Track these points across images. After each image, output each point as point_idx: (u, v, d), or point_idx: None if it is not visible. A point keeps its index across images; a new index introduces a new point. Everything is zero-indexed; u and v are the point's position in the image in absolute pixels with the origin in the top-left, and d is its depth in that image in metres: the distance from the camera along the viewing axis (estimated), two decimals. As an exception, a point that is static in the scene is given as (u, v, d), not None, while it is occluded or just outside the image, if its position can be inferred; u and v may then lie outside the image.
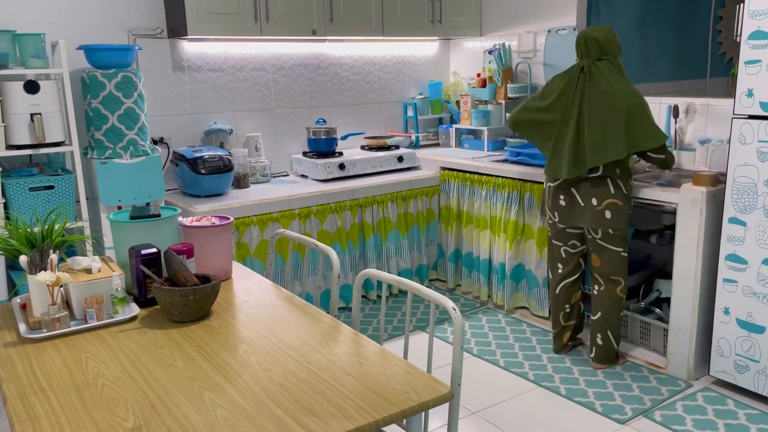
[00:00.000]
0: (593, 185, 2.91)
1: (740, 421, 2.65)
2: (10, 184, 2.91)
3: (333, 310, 2.17)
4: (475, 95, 4.31)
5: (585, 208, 2.95)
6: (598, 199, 2.90)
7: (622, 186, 2.88)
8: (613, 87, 2.79)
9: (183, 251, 2.01)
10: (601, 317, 3.07)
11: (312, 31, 3.73)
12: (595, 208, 2.92)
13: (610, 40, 2.83)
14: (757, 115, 2.65)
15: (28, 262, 1.84)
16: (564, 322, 3.24)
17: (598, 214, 2.92)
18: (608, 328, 3.07)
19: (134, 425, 1.33)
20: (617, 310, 3.06)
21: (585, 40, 2.84)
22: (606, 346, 3.08)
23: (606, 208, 2.89)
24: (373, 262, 3.83)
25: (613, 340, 3.08)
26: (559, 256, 3.20)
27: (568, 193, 3.00)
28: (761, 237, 2.68)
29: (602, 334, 3.08)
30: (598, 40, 2.82)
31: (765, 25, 2.58)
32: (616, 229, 2.93)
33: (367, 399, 1.41)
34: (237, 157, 3.65)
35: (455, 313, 1.63)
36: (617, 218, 2.90)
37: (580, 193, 2.96)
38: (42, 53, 2.94)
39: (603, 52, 2.83)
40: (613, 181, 2.87)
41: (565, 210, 3.04)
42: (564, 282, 3.20)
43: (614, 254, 2.98)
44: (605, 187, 2.88)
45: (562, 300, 3.22)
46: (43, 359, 1.64)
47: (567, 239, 3.13)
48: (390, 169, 4.07)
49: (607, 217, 2.91)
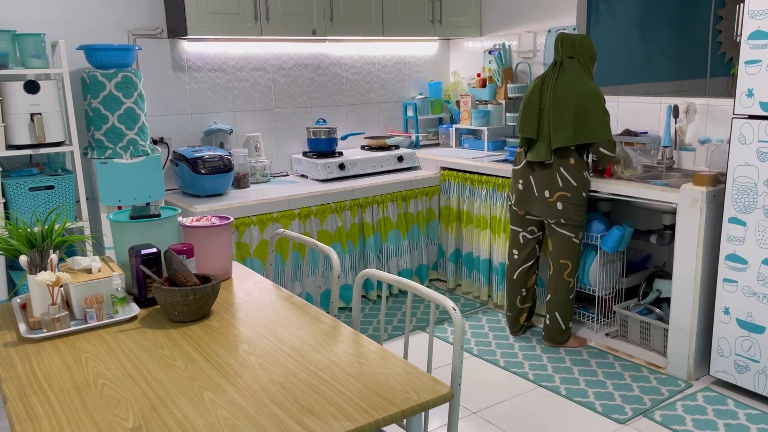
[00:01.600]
0: (546, 176, 3.12)
1: (740, 421, 2.65)
2: (10, 184, 2.91)
3: (333, 310, 2.17)
4: (475, 95, 4.31)
5: (539, 198, 3.17)
6: (549, 191, 3.11)
7: (571, 179, 3.07)
8: (576, 83, 3.01)
9: (183, 251, 2.01)
10: (551, 299, 3.28)
11: (312, 31, 3.73)
12: (547, 200, 3.14)
13: (584, 44, 3.06)
14: (757, 115, 2.65)
15: (28, 262, 1.84)
16: (520, 305, 3.45)
17: (550, 205, 3.13)
18: (556, 309, 3.27)
19: (134, 425, 1.33)
20: (566, 293, 3.24)
21: (561, 39, 3.08)
22: (553, 326, 3.29)
23: (557, 200, 3.10)
24: (373, 262, 3.83)
25: (561, 321, 3.27)
26: (516, 242, 3.38)
27: (526, 179, 3.21)
28: (761, 237, 2.69)
29: (550, 314, 3.29)
30: (573, 40, 3.06)
31: (765, 25, 2.58)
32: (568, 219, 3.12)
33: (367, 399, 1.41)
34: (237, 157, 3.65)
35: (455, 313, 1.63)
36: (568, 209, 3.10)
37: (535, 181, 3.17)
38: (42, 53, 2.94)
39: (575, 52, 3.06)
40: (562, 174, 3.07)
41: (521, 194, 3.25)
42: (521, 268, 3.39)
43: (566, 239, 3.17)
44: (555, 179, 3.09)
45: (518, 285, 3.42)
46: (43, 359, 1.64)
47: (526, 225, 3.32)
48: (390, 169, 4.07)
49: (559, 208, 3.11)
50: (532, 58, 4.13)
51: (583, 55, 3.07)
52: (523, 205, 3.24)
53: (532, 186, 3.17)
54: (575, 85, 3.01)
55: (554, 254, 3.22)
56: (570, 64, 3.05)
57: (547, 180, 3.11)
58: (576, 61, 3.06)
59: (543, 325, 3.38)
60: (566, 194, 3.08)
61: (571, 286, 3.24)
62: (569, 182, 3.07)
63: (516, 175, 3.27)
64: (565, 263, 3.20)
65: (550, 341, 3.33)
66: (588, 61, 3.09)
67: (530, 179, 3.18)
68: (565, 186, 3.07)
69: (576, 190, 3.08)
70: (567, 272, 3.21)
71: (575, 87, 3.00)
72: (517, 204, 3.27)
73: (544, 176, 3.11)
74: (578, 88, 3.00)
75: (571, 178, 3.07)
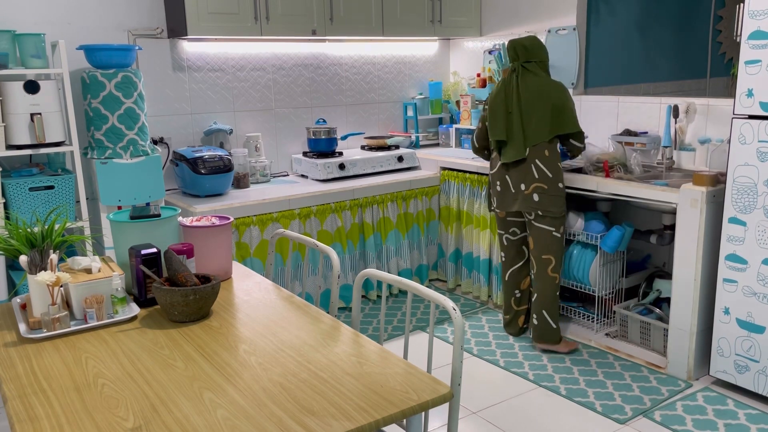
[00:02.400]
0: (521, 171, 3.15)
1: (740, 421, 2.65)
2: (10, 184, 2.91)
3: (333, 310, 2.17)
4: (475, 95, 4.31)
5: (516, 194, 3.20)
6: (525, 184, 3.15)
7: (546, 170, 3.12)
8: (541, 82, 3.12)
9: (183, 251, 2.01)
10: (537, 298, 3.26)
11: (312, 31, 3.73)
12: (523, 193, 3.17)
13: (535, 46, 3.17)
14: (757, 115, 2.65)
15: (28, 262, 1.84)
16: (516, 306, 3.45)
17: (527, 198, 3.16)
18: (543, 307, 3.24)
19: (134, 425, 1.33)
20: (551, 290, 3.22)
21: (514, 46, 3.19)
22: (542, 326, 3.25)
23: (533, 191, 3.13)
24: (373, 262, 3.83)
25: (549, 320, 3.23)
26: (501, 245, 3.43)
27: (502, 179, 3.25)
28: (761, 237, 2.68)
29: (537, 314, 3.26)
30: (525, 46, 3.17)
31: (765, 25, 2.58)
32: (545, 210, 3.13)
33: (367, 399, 1.41)
34: (237, 157, 3.65)
35: (455, 313, 1.63)
36: (545, 200, 3.13)
37: (511, 179, 3.21)
38: (42, 53, 2.94)
39: (530, 55, 3.16)
40: (537, 166, 3.11)
41: (500, 195, 3.28)
42: (511, 269, 3.41)
43: (545, 233, 3.17)
44: (530, 172, 3.13)
45: (511, 286, 3.43)
46: (43, 359, 1.64)
47: (508, 227, 3.36)
48: (390, 169, 4.07)
49: (535, 200, 3.14)
50: (532, 58, 4.13)
51: (537, 56, 3.17)
52: (502, 204, 3.27)
53: (508, 184, 3.22)
54: (545, 84, 3.12)
55: (536, 251, 3.22)
56: (530, 66, 3.15)
57: (522, 174, 3.15)
58: (535, 64, 3.16)
59: (531, 328, 3.33)
60: (542, 185, 3.12)
61: (557, 282, 3.23)
62: (545, 173, 3.11)
63: (493, 179, 3.32)
64: (548, 258, 3.20)
65: (541, 341, 3.28)
66: (544, 60, 3.20)
67: (506, 178, 3.22)
68: (541, 177, 3.12)
69: (552, 182, 3.12)
70: (550, 267, 3.20)
71: (546, 86, 3.11)
72: (498, 206, 3.30)
73: (519, 171, 3.16)
74: (549, 86, 3.11)
75: (547, 170, 3.11)
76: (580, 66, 3.91)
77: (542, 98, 3.10)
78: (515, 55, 3.20)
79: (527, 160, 3.14)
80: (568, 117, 3.13)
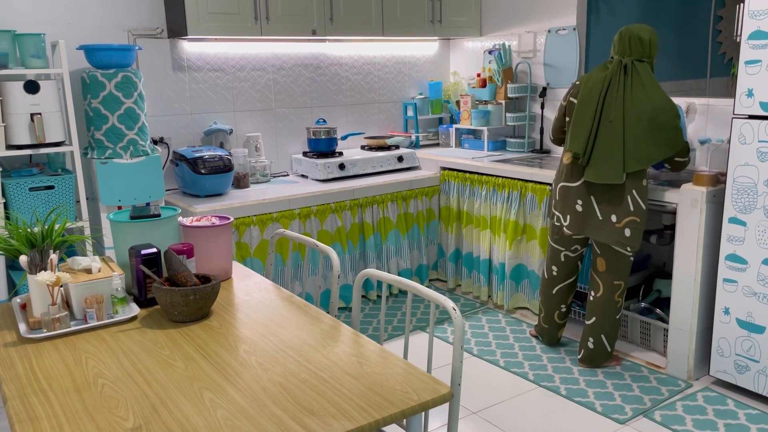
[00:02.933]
0: (614, 198, 2.79)
1: (740, 421, 2.65)
2: (10, 184, 2.91)
3: (333, 310, 2.17)
4: (475, 95, 4.31)
5: (603, 223, 2.83)
6: (617, 215, 2.78)
7: (640, 201, 2.78)
8: (653, 93, 2.71)
9: (183, 251, 2.01)
10: (596, 321, 3.03)
11: (312, 31, 3.73)
12: (614, 225, 2.80)
13: (653, 43, 2.73)
14: (757, 115, 2.65)
15: (28, 262, 1.84)
16: (559, 320, 3.27)
17: (617, 232, 2.81)
18: (603, 332, 3.03)
19: (134, 425, 1.33)
20: (614, 314, 3.01)
21: (630, 36, 2.71)
22: (598, 350, 3.06)
23: (626, 225, 2.79)
24: (373, 262, 3.83)
25: (607, 344, 3.05)
26: (557, 260, 3.14)
27: (586, 200, 2.86)
28: (761, 237, 2.68)
29: (595, 338, 3.04)
30: (642, 40, 2.71)
31: (765, 25, 2.58)
32: (633, 246, 2.83)
33: (367, 399, 1.41)
34: (237, 157, 3.65)
35: (455, 313, 1.63)
36: (635, 235, 2.81)
37: (600, 204, 2.82)
38: (42, 53, 2.94)
39: (644, 54, 2.73)
40: (633, 196, 2.76)
41: (579, 217, 2.91)
42: (562, 284, 3.19)
43: (622, 258, 2.91)
44: (625, 202, 2.77)
45: (558, 301, 3.23)
46: (43, 359, 1.64)
47: (570, 244, 3.07)
48: (390, 169, 4.07)
49: (627, 235, 2.80)
50: (532, 58, 4.13)
51: (652, 57, 2.74)
52: (580, 228, 2.90)
53: (594, 209, 2.81)
54: (655, 99, 2.67)
55: (607, 275, 2.93)
56: (641, 69, 2.70)
57: (614, 203, 2.76)
58: (647, 65, 2.72)
59: (582, 347, 3.09)
60: (636, 219, 2.76)
61: (619, 306, 2.99)
62: (640, 206, 2.76)
63: (570, 193, 2.89)
64: (619, 284, 2.94)
65: (587, 363, 3.08)
66: (654, 62, 2.78)
67: (591, 200, 2.82)
68: (636, 210, 2.75)
69: (644, 214, 2.79)
70: (618, 293, 2.96)
71: (656, 102, 2.67)
72: (572, 227, 2.92)
73: (611, 198, 2.77)
74: (660, 105, 2.67)
75: (642, 202, 2.76)
76: (580, 66, 3.91)
77: (652, 118, 2.68)
78: (628, 49, 2.72)
79: (624, 189, 2.75)
80: (677, 136, 2.72)
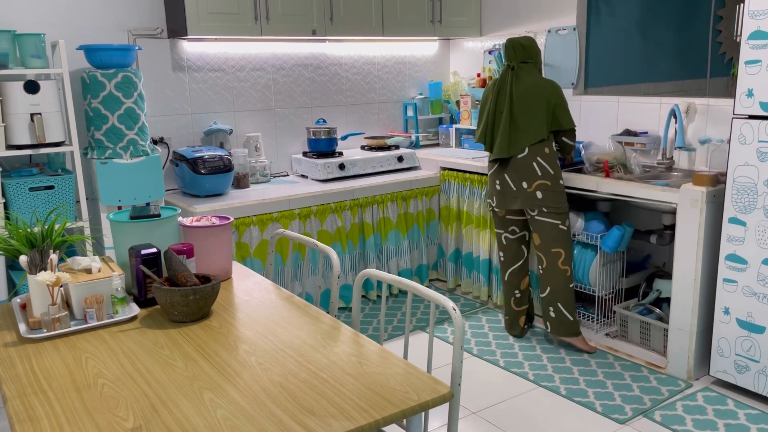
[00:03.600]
0: (522, 169, 3.18)
1: (740, 421, 2.65)
2: (10, 184, 2.91)
3: (333, 310, 2.17)
4: (475, 95, 4.31)
5: (517, 192, 3.21)
6: (527, 182, 3.17)
7: (548, 167, 3.15)
8: (536, 81, 3.18)
9: (183, 251, 2.01)
10: (549, 292, 3.25)
11: (312, 31, 3.73)
12: (526, 191, 3.19)
13: (533, 46, 3.25)
14: (757, 115, 2.65)
15: (28, 262, 1.84)
16: (516, 307, 3.44)
17: (530, 196, 3.18)
18: (558, 300, 3.23)
19: (134, 425, 1.33)
20: (565, 282, 3.21)
21: (513, 45, 3.25)
22: (559, 318, 3.24)
23: (536, 189, 3.16)
24: (373, 262, 3.83)
25: (566, 313, 3.22)
26: (500, 244, 3.43)
27: (501, 178, 3.27)
28: (761, 237, 2.68)
29: (553, 306, 3.24)
30: (523, 45, 3.23)
31: (765, 25, 2.58)
32: (550, 206, 3.16)
33: (367, 399, 1.41)
34: (237, 157, 3.65)
35: (455, 313, 1.63)
36: (549, 197, 3.16)
37: (511, 177, 3.22)
38: (42, 53, 2.94)
39: (527, 56, 3.23)
40: (540, 163, 3.15)
41: (499, 194, 3.29)
42: (510, 269, 3.41)
43: (552, 227, 3.18)
44: (532, 170, 3.16)
45: (511, 286, 3.43)
46: (43, 359, 1.64)
47: (507, 225, 3.37)
48: (390, 169, 4.07)
49: (539, 197, 3.16)
50: (532, 58, 4.13)
51: (533, 57, 3.24)
52: (503, 203, 3.29)
53: (508, 182, 3.23)
54: (539, 82, 3.17)
55: (543, 245, 3.22)
56: (525, 67, 3.21)
57: (523, 172, 3.17)
58: (531, 64, 3.23)
59: (548, 322, 3.28)
60: (546, 182, 3.15)
61: (568, 274, 3.21)
62: (547, 170, 3.15)
63: (492, 178, 3.34)
64: (558, 251, 3.20)
65: (562, 335, 3.25)
66: (539, 61, 3.28)
67: (505, 177, 3.24)
68: (544, 174, 3.15)
69: (554, 178, 3.15)
70: (561, 260, 3.20)
71: (541, 84, 3.17)
72: (498, 204, 3.32)
73: (520, 169, 3.18)
74: (544, 84, 3.17)
75: (549, 167, 3.15)
76: (580, 66, 3.91)
77: (538, 96, 3.15)
78: (513, 54, 3.25)
79: (528, 158, 3.16)
80: (564, 113, 3.18)
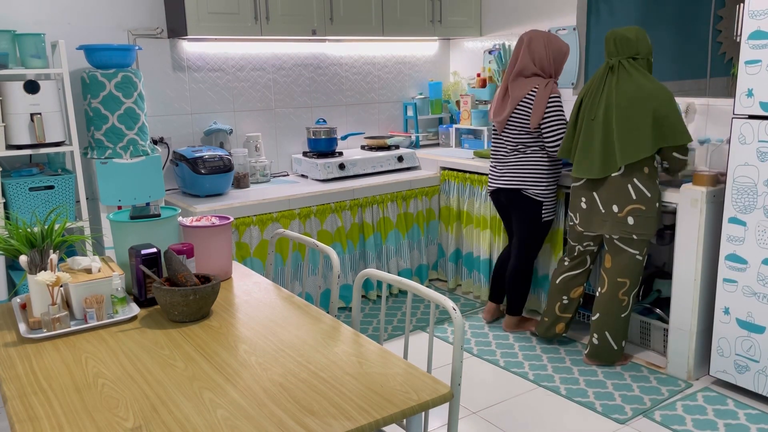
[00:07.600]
0: (614, 190, 2.86)
1: (740, 421, 2.65)
2: (10, 184, 2.91)
3: (333, 310, 2.17)
4: (475, 95, 4.31)
5: (606, 215, 2.92)
6: (619, 205, 2.86)
7: (645, 190, 2.83)
8: (641, 85, 2.76)
9: (183, 251, 2.01)
10: (599, 318, 3.05)
11: (312, 31, 3.73)
12: (616, 215, 2.88)
13: (641, 39, 2.80)
14: (757, 115, 2.65)
15: (28, 262, 1.84)
16: (560, 312, 3.24)
17: (620, 221, 2.88)
18: (607, 329, 3.04)
19: (134, 425, 1.33)
20: (618, 312, 3.01)
21: (615, 38, 2.81)
22: (602, 346, 3.07)
23: (628, 214, 2.86)
24: (373, 262, 3.83)
25: (612, 342, 3.05)
26: (569, 251, 3.20)
27: (588, 196, 2.97)
28: (761, 237, 2.68)
29: (599, 333, 3.06)
30: (629, 38, 2.79)
31: (765, 25, 2.58)
32: (640, 233, 2.87)
33: (367, 399, 1.41)
34: (237, 157, 3.65)
35: (455, 313, 1.63)
36: (641, 223, 2.86)
37: (600, 197, 2.91)
38: (42, 53, 2.94)
39: (633, 51, 2.80)
40: (635, 186, 2.83)
41: (585, 213, 3.01)
42: (565, 274, 3.20)
43: (629, 257, 2.94)
44: (626, 193, 2.84)
45: (560, 290, 3.22)
46: (43, 359, 1.64)
47: (582, 240, 3.11)
48: (390, 169, 4.07)
49: (630, 223, 2.87)
50: (532, 58, 4.13)
51: (641, 52, 2.80)
52: (587, 224, 3.00)
53: (596, 202, 2.92)
54: (645, 86, 2.74)
55: (612, 271, 2.98)
56: (628, 66, 2.79)
57: (615, 193, 2.85)
58: (638, 61, 2.79)
59: (587, 343, 3.14)
60: (640, 207, 2.82)
61: (625, 304, 3.00)
62: (643, 194, 2.81)
63: (575, 193, 3.02)
64: (623, 281, 2.96)
65: (596, 360, 3.10)
66: (647, 57, 2.83)
67: (593, 195, 2.93)
68: (639, 198, 2.81)
69: (650, 202, 2.83)
70: (623, 291, 2.97)
71: (646, 88, 2.74)
72: (582, 224, 3.02)
73: (612, 190, 2.85)
74: (650, 90, 2.74)
75: (646, 189, 2.81)
76: (580, 66, 3.91)
77: (642, 104, 2.74)
78: (615, 50, 2.81)
79: (623, 178, 2.83)
80: (673, 127, 2.74)
